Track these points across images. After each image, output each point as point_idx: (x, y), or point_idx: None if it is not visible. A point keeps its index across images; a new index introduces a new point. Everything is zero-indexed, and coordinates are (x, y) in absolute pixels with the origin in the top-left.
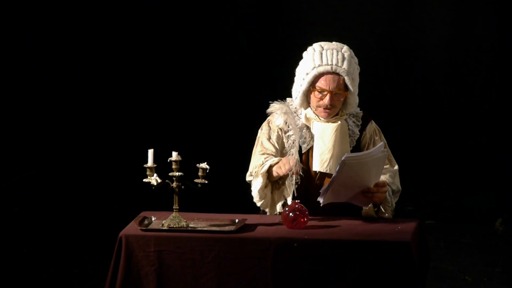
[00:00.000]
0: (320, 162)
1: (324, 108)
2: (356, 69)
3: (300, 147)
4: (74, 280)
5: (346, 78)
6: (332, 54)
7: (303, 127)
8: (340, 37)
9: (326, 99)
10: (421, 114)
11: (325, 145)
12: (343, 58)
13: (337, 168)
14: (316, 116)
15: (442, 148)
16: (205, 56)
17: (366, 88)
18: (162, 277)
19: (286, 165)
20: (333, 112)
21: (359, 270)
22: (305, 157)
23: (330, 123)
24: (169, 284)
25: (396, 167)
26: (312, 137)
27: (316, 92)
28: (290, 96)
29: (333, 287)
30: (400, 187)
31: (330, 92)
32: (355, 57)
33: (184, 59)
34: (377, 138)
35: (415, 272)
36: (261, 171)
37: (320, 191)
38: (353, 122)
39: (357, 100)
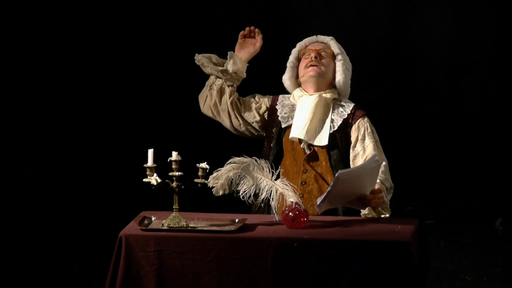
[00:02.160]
0: (296, 129)
1: (311, 64)
2: (343, 51)
3: (280, 123)
4: (74, 280)
5: (331, 42)
6: (316, 36)
7: (288, 105)
8: (340, 37)
9: (312, 54)
10: (421, 114)
11: (302, 113)
12: (327, 36)
13: (331, 183)
14: (302, 92)
15: (442, 148)
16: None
17: (366, 88)
18: (162, 277)
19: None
20: (321, 72)
21: (359, 270)
22: (287, 134)
23: (313, 95)
24: (169, 284)
25: (385, 162)
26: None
27: (303, 58)
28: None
29: (333, 287)
30: (392, 183)
31: (316, 50)
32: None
33: (183, 59)
34: (368, 131)
35: (415, 272)
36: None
37: (317, 201)
38: (340, 111)
39: (348, 73)
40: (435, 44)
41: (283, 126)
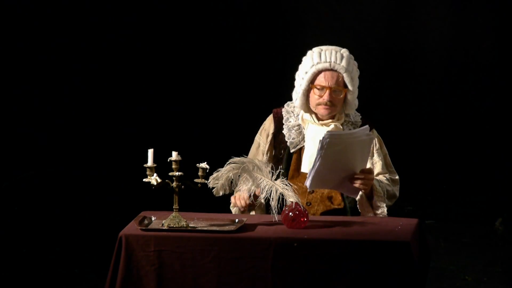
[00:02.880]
0: (309, 164)
1: (324, 105)
2: (356, 70)
3: (288, 148)
4: (74, 280)
5: (344, 75)
6: (331, 53)
7: (294, 127)
8: (340, 37)
9: (326, 96)
10: (421, 114)
11: (315, 147)
12: (342, 57)
13: (319, 146)
14: (312, 119)
15: (442, 148)
16: (205, 56)
17: (366, 88)
18: (162, 277)
19: (239, 202)
20: (332, 110)
21: (359, 270)
22: (296, 157)
23: (324, 126)
24: (169, 284)
25: (397, 177)
26: (303, 138)
27: (316, 90)
28: (290, 97)
29: (333, 287)
30: (397, 194)
31: (329, 88)
32: (355, 61)
33: (184, 60)
34: (377, 147)
35: (415, 272)
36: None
37: (307, 175)
38: (349, 130)
39: (356, 102)
40: (435, 44)
41: (291, 151)
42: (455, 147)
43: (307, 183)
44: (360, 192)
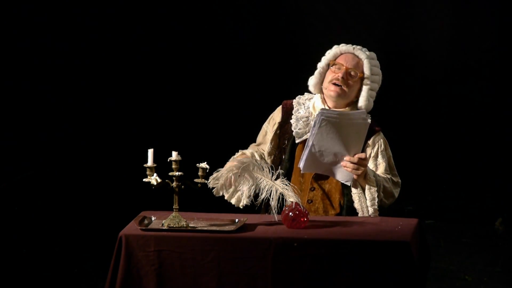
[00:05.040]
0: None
1: (336, 80)
2: (378, 68)
3: (293, 138)
4: (74, 280)
5: (365, 61)
6: (356, 46)
7: (302, 118)
8: (340, 37)
9: (341, 72)
10: (421, 114)
11: None
12: (367, 49)
13: (313, 123)
14: (323, 105)
15: (442, 148)
16: (205, 56)
17: None
18: (162, 277)
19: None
20: (343, 92)
21: (359, 270)
22: (300, 148)
23: None
24: (169, 284)
25: (399, 180)
26: (310, 130)
27: (333, 67)
28: (287, 96)
29: (333, 287)
30: (395, 195)
31: (346, 68)
32: (378, 63)
33: (184, 59)
34: (382, 149)
35: (415, 272)
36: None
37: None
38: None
39: (371, 101)
40: (435, 44)
41: (296, 141)
42: (455, 147)
43: (301, 164)
44: (354, 177)
